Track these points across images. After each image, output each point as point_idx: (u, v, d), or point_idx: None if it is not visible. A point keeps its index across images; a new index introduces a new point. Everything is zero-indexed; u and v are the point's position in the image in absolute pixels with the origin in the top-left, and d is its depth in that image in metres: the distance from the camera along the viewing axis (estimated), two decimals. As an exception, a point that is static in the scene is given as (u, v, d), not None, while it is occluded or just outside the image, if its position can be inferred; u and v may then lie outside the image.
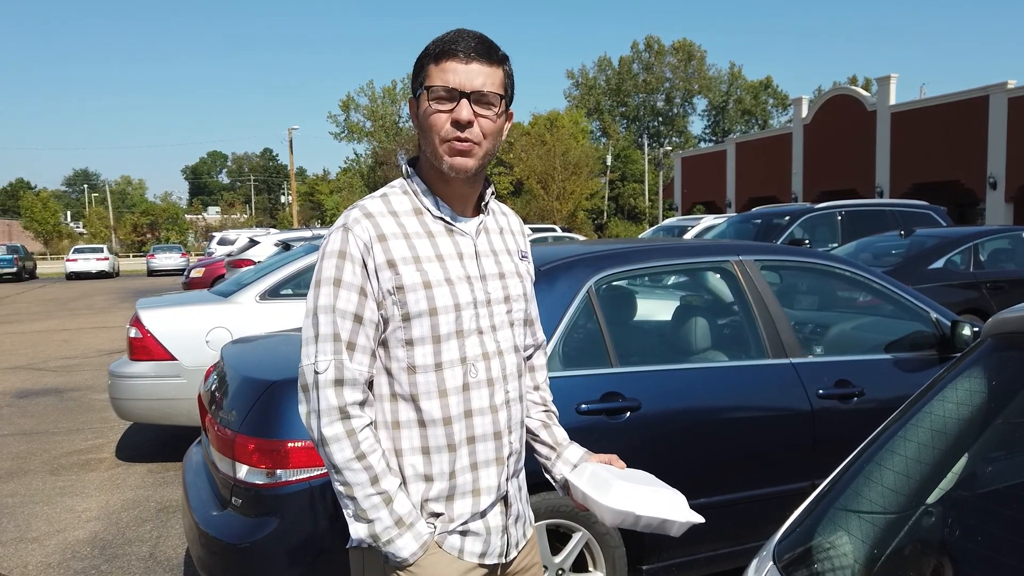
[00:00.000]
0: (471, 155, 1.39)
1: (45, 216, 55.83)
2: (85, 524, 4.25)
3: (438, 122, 1.38)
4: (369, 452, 1.35)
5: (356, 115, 65.19)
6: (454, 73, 1.36)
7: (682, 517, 1.47)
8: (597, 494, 1.49)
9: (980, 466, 1.33)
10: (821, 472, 2.93)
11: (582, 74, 73.11)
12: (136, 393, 5.21)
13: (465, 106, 1.36)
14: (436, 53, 1.39)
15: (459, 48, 1.37)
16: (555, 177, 42.93)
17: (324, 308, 1.36)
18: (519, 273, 1.55)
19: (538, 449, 1.66)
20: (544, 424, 1.67)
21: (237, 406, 2.63)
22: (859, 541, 1.28)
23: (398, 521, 1.36)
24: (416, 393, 1.40)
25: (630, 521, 1.46)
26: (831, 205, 10.59)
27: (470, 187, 1.47)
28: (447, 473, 1.41)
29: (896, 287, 3.48)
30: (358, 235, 1.37)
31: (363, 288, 1.37)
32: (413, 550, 1.37)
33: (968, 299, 7.36)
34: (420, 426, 1.41)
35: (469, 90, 1.36)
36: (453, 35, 1.39)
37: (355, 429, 1.35)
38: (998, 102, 22.55)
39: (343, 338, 1.36)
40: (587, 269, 2.97)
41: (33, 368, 9.39)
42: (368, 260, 1.37)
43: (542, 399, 1.70)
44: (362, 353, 1.37)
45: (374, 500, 1.35)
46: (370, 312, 1.37)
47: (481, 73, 1.37)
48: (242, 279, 6.25)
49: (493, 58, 1.39)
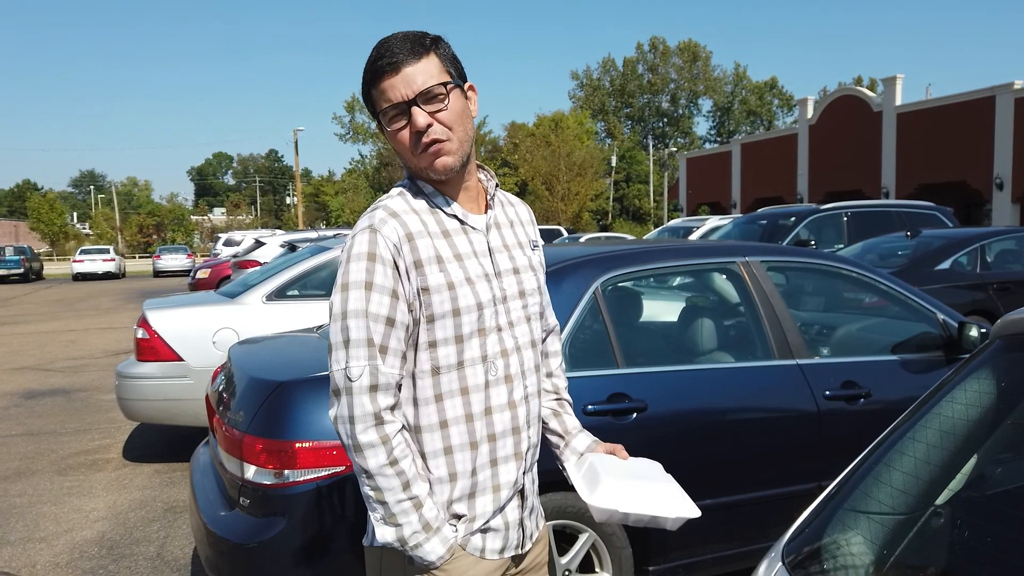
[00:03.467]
0: (444, 153, 1.38)
1: (52, 217, 56.05)
2: (93, 524, 4.27)
3: (404, 139, 1.38)
4: (401, 458, 1.34)
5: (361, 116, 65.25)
6: (392, 88, 1.35)
7: (674, 513, 1.45)
8: (585, 491, 1.48)
9: (989, 467, 1.33)
10: (828, 473, 2.93)
11: (587, 75, 73.12)
12: (143, 394, 5.23)
13: (417, 112, 1.35)
14: (369, 78, 1.38)
15: (384, 62, 1.35)
16: (560, 178, 42.91)
17: (355, 312, 1.33)
18: (532, 266, 1.55)
19: (548, 437, 1.67)
20: (554, 412, 1.68)
21: (245, 407, 2.64)
22: (868, 542, 1.28)
23: (426, 526, 1.36)
24: (440, 393, 1.40)
25: (618, 518, 1.45)
26: (837, 206, 10.56)
27: (468, 180, 1.47)
28: (469, 471, 1.42)
29: (902, 288, 3.47)
30: (387, 235, 1.36)
31: (395, 290, 1.35)
32: (440, 553, 1.37)
33: (975, 300, 7.33)
34: (443, 427, 1.41)
35: (412, 96, 1.35)
36: (376, 51, 1.38)
37: (389, 436, 1.33)
38: (1004, 102, 22.47)
39: (376, 342, 1.33)
40: (593, 270, 2.97)
41: (40, 369, 9.42)
42: (399, 261, 1.35)
43: (554, 387, 1.71)
44: (394, 356, 1.36)
45: (404, 505, 1.34)
46: (401, 315, 1.36)
47: (416, 72, 1.35)
48: (248, 280, 6.27)
49: (420, 51, 1.37)
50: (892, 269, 7.38)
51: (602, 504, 1.43)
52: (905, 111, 25.65)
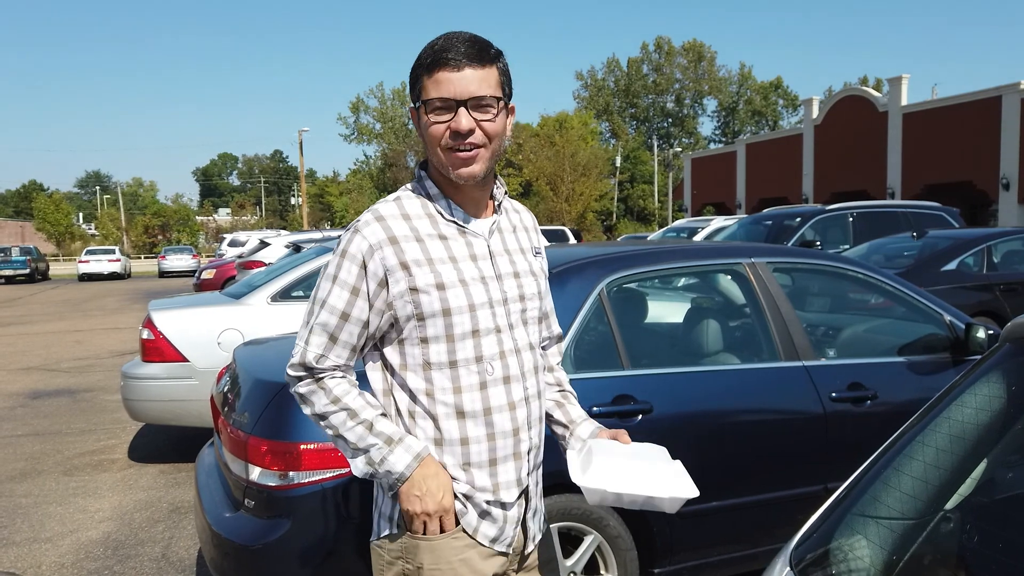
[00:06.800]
0: (476, 161, 1.40)
1: (57, 218, 56.23)
2: (98, 524, 4.28)
3: (438, 133, 1.39)
4: (343, 395, 1.44)
5: (366, 117, 65.46)
6: (448, 83, 1.36)
7: (669, 492, 1.39)
8: (577, 473, 1.46)
9: (999, 472, 1.32)
10: (834, 475, 2.92)
11: (591, 75, 73.10)
12: (148, 394, 5.24)
13: (463, 115, 1.36)
14: (428, 64, 1.39)
15: (449, 56, 1.36)
16: (564, 178, 42.88)
17: (320, 300, 1.45)
18: (533, 271, 1.57)
19: (554, 429, 1.68)
20: (558, 403, 1.69)
21: (250, 408, 2.64)
22: (877, 547, 1.28)
23: (387, 440, 1.42)
24: (431, 388, 1.44)
25: (610, 499, 1.41)
26: (843, 207, 10.54)
27: (481, 190, 1.49)
28: (459, 465, 1.45)
29: (909, 289, 3.46)
30: (366, 236, 1.41)
31: (356, 287, 1.42)
32: (407, 461, 1.41)
33: (981, 301, 7.31)
34: (434, 420, 1.44)
35: (465, 98, 1.36)
36: (443, 42, 1.38)
37: (326, 382, 1.45)
38: (1011, 102, 22.39)
39: (328, 330, 1.44)
40: (599, 271, 2.96)
41: (46, 369, 9.45)
42: (370, 263, 1.40)
43: (557, 380, 1.72)
44: (342, 347, 1.45)
45: (358, 431, 1.42)
46: (358, 311, 1.42)
47: (475, 78, 1.37)
48: (253, 281, 6.27)
49: (485, 59, 1.39)
50: (898, 270, 7.36)
51: (592, 484, 1.40)
52: (911, 111, 25.58)
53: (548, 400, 1.68)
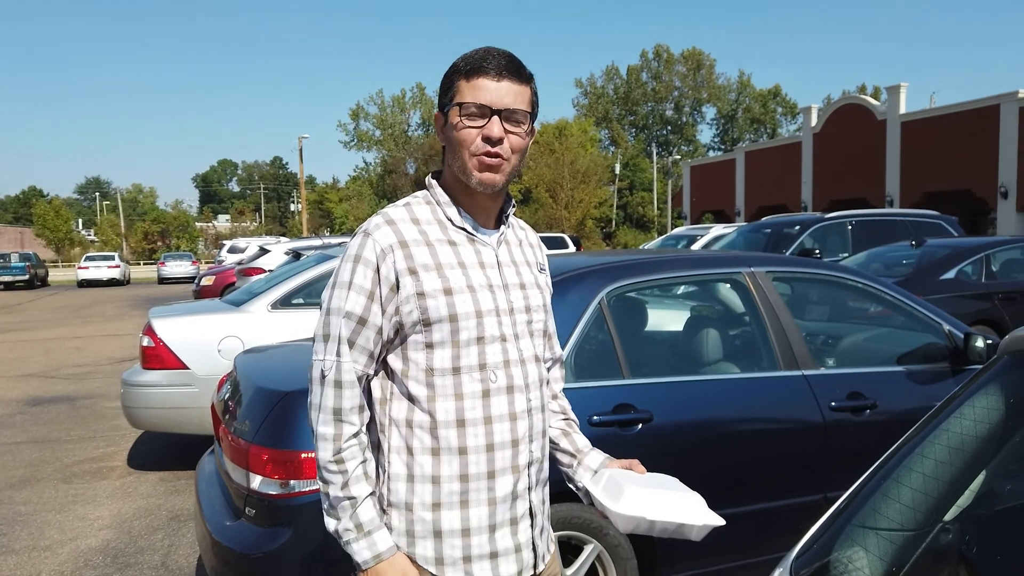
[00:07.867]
0: (499, 170, 1.42)
1: (57, 224, 56.24)
2: (97, 532, 4.27)
3: (468, 137, 1.41)
4: (348, 458, 1.41)
5: (365, 124, 65.63)
6: (486, 90, 1.39)
7: (700, 520, 1.46)
8: (609, 500, 1.49)
9: (998, 483, 1.33)
10: (834, 485, 2.92)
11: (590, 83, 73.32)
12: (148, 402, 5.24)
13: (496, 123, 1.39)
14: (467, 70, 1.41)
15: (490, 66, 1.40)
16: (563, 186, 42.96)
17: (335, 310, 1.43)
18: (539, 285, 1.57)
19: (559, 457, 1.68)
20: (564, 432, 1.69)
21: (251, 416, 2.65)
22: (876, 558, 1.28)
23: (358, 526, 1.41)
24: (432, 395, 1.43)
25: (644, 527, 1.46)
26: (842, 215, 10.56)
27: (493, 201, 1.50)
28: (456, 476, 1.43)
29: (908, 298, 3.47)
30: (377, 240, 1.41)
31: (372, 292, 1.41)
32: (365, 557, 1.40)
33: (980, 310, 7.32)
34: (432, 428, 1.43)
35: (500, 107, 1.39)
36: (483, 52, 1.42)
37: (342, 435, 1.41)
38: (1009, 111, 22.44)
39: (344, 338, 1.41)
40: (599, 280, 2.97)
41: (45, 376, 9.45)
42: (383, 266, 1.40)
43: (561, 408, 1.72)
44: (359, 352, 1.42)
45: (343, 503, 1.41)
46: (374, 316, 1.41)
47: (512, 91, 1.40)
48: (253, 288, 6.28)
49: (522, 76, 1.43)
50: (897, 279, 7.37)
51: (629, 512, 1.45)
52: (909, 119, 25.64)
53: (553, 428, 1.68)
